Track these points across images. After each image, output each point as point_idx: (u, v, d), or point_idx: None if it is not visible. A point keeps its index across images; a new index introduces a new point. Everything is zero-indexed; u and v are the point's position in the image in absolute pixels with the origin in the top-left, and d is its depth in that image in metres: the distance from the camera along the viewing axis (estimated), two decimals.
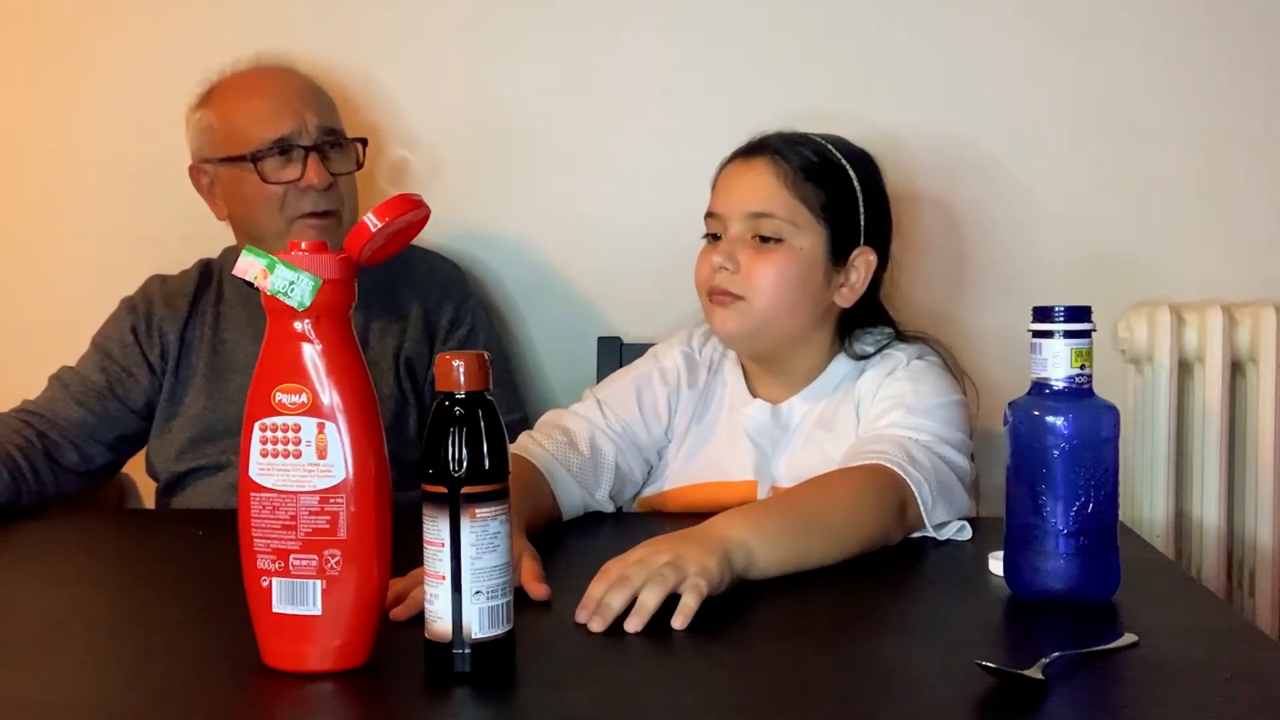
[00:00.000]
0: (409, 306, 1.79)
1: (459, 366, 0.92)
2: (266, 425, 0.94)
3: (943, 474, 1.32)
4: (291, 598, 0.93)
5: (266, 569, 0.94)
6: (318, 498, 0.92)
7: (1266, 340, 1.84)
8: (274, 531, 0.93)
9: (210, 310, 1.82)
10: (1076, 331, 1.08)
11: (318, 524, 0.92)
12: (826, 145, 1.49)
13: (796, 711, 0.88)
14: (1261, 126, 1.93)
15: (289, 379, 0.94)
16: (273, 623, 0.94)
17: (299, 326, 0.94)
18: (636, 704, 0.91)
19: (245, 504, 0.95)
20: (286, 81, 1.77)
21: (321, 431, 0.92)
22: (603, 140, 2.00)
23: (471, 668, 0.92)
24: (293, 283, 0.92)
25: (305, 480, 0.93)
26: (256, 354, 1.74)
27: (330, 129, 1.75)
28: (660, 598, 1.03)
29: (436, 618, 0.92)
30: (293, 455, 0.93)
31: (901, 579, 1.24)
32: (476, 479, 0.92)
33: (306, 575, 0.93)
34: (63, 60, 2.09)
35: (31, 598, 1.24)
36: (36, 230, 2.13)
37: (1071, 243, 1.95)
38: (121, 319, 1.82)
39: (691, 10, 1.98)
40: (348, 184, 1.77)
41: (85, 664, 1.02)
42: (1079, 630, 1.02)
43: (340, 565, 0.93)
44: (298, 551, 0.93)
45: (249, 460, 0.94)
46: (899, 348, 1.49)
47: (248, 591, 0.96)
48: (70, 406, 1.74)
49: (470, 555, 0.91)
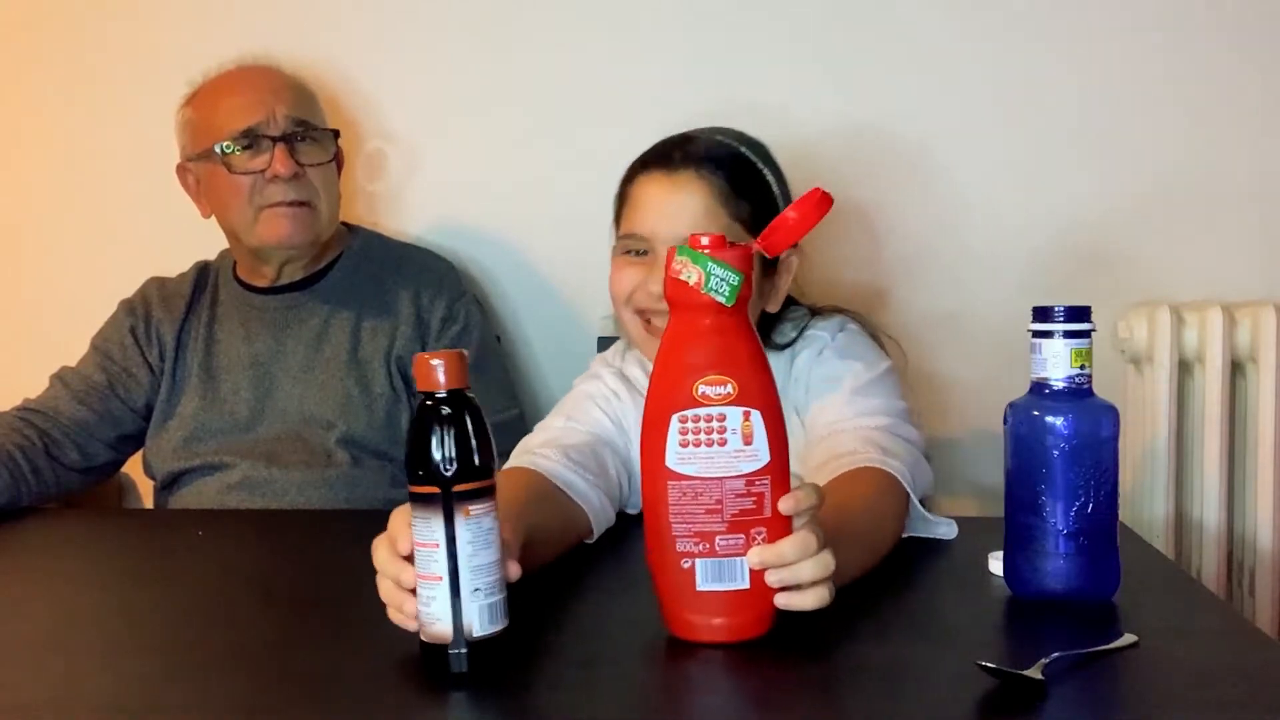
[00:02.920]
0: (401, 304, 1.79)
1: (439, 366, 0.92)
2: (688, 416, 0.97)
3: (909, 454, 1.33)
4: (719, 576, 0.98)
5: (689, 551, 0.98)
6: (744, 481, 0.97)
7: (1266, 340, 1.84)
8: (697, 516, 0.98)
9: (205, 311, 1.84)
10: (1076, 331, 1.08)
11: (744, 505, 0.98)
12: (741, 149, 1.44)
13: (796, 711, 0.88)
14: (1261, 126, 1.93)
15: (713, 370, 0.97)
16: (696, 600, 0.99)
17: (711, 321, 0.98)
18: (635, 703, 0.91)
19: (660, 491, 0.98)
20: (259, 76, 1.79)
21: (747, 419, 0.97)
22: (597, 133, 2.00)
23: (472, 667, 0.92)
24: (724, 280, 0.97)
25: (731, 465, 0.97)
26: (248, 355, 1.79)
27: (300, 120, 1.75)
28: (819, 604, 1.00)
29: (435, 619, 0.92)
30: (718, 444, 0.97)
31: (901, 579, 1.23)
32: (468, 476, 0.91)
33: (733, 553, 0.98)
34: (61, 61, 2.09)
35: (31, 598, 1.24)
36: (36, 232, 2.13)
37: (1071, 243, 1.95)
38: (120, 321, 1.84)
39: (688, 12, 1.98)
40: (321, 175, 1.77)
41: (85, 664, 1.02)
42: (1079, 630, 1.02)
43: (765, 541, 0.98)
44: (724, 533, 0.98)
45: (665, 450, 0.98)
46: (818, 325, 1.47)
47: (661, 573, 1.00)
48: (71, 405, 1.76)
49: (467, 553, 0.91)
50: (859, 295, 1.98)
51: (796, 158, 1.60)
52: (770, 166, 1.46)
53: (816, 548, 0.99)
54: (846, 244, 1.99)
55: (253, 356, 1.79)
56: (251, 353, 1.79)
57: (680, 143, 1.42)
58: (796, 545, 0.98)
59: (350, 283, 1.83)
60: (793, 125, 1.90)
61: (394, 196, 2.06)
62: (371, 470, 1.71)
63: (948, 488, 2.00)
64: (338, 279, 1.83)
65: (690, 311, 0.98)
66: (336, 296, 1.81)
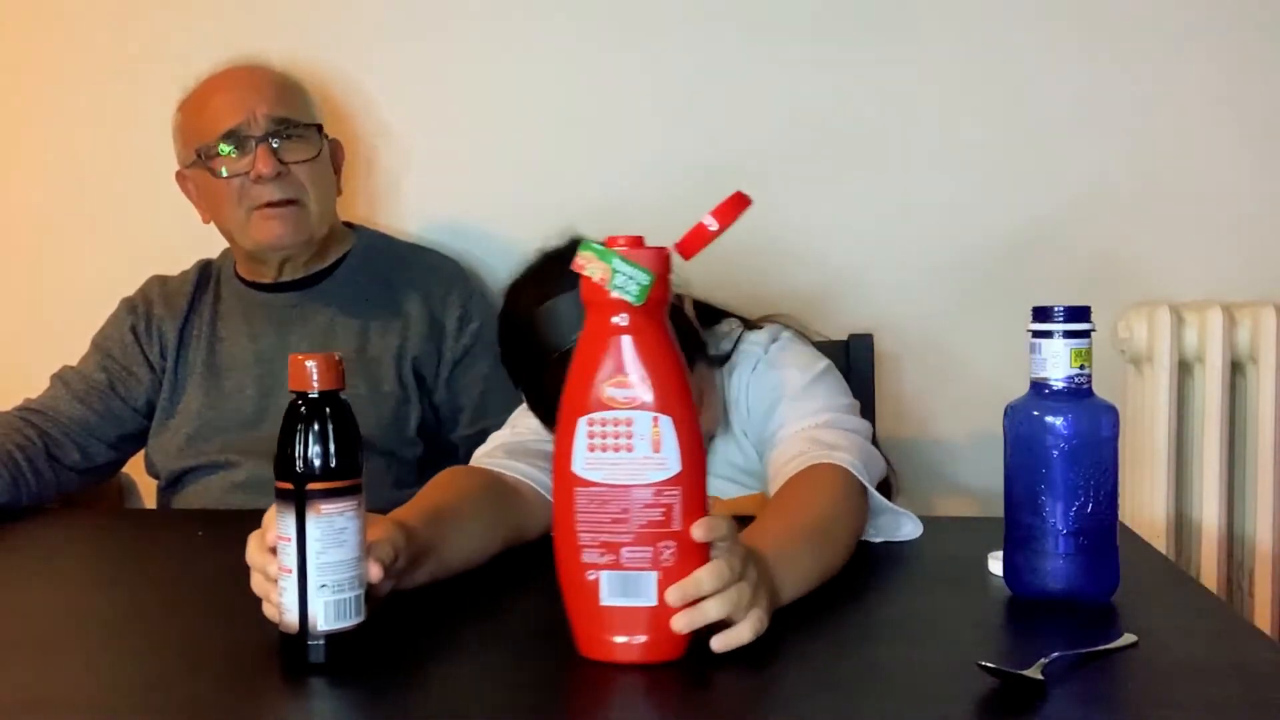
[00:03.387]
0: (410, 305, 1.79)
1: (312, 367, 0.94)
2: (596, 420, 0.94)
3: (856, 443, 1.32)
4: (624, 590, 0.94)
5: (594, 562, 0.94)
6: (652, 491, 0.94)
7: (1266, 340, 1.84)
8: (603, 525, 0.94)
9: (208, 309, 1.83)
10: (1076, 331, 1.08)
11: (652, 516, 0.94)
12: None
13: (795, 711, 0.88)
14: (1261, 126, 1.93)
15: (619, 373, 0.94)
16: (600, 615, 0.95)
17: (621, 322, 0.94)
18: (623, 708, 0.91)
19: (568, 498, 0.95)
20: (241, 76, 1.77)
21: (656, 425, 0.94)
22: (594, 135, 2.00)
23: (325, 659, 0.94)
24: (631, 278, 0.93)
25: (639, 473, 0.94)
26: (253, 353, 1.78)
27: (282, 118, 1.73)
28: (755, 633, 0.97)
29: (286, 610, 0.94)
30: (625, 449, 0.94)
31: (901, 579, 1.24)
32: (323, 476, 0.93)
33: (640, 567, 0.94)
34: (64, 59, 2.09)
35: (31, 598, 1.24)
36: (38, 232, 2.13)
37: (1071, 243, 1.95)
38: (121, 319, 1.83)
39: (680, 8, 1.98)
40: (309, 171, 1.75)
41: (85, 664, 1.02)
42: (1079, 630, 1.02)
43: (674, 557, 0.94)
44: (630, 544, 0.94)
45: (572, 455, 0.94)
46: (751, 340, 1.47)
47: (566, 584, 0.96)
48: (72, 404, 1.75)
49: (315, 550, 0.93)
50: (858, 295, 1.98)
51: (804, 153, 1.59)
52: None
53: (730, 578, 0.95)
54: (847, 244, 1.99)
55: (257, 353, 1.78)
56: (256, 350, 1.79)
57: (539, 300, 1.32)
58: (713, 574, 0.94)
59: (356, 282, 1.82)
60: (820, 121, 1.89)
61: (394, 195, 2.07)
62: (377, 470, 1.70)
63: (948, 488, 2.00)
64: (343, 278, 1.83)
65: (601, 311, 0.95)
66: (342, 296, 1.80)
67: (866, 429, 1.38)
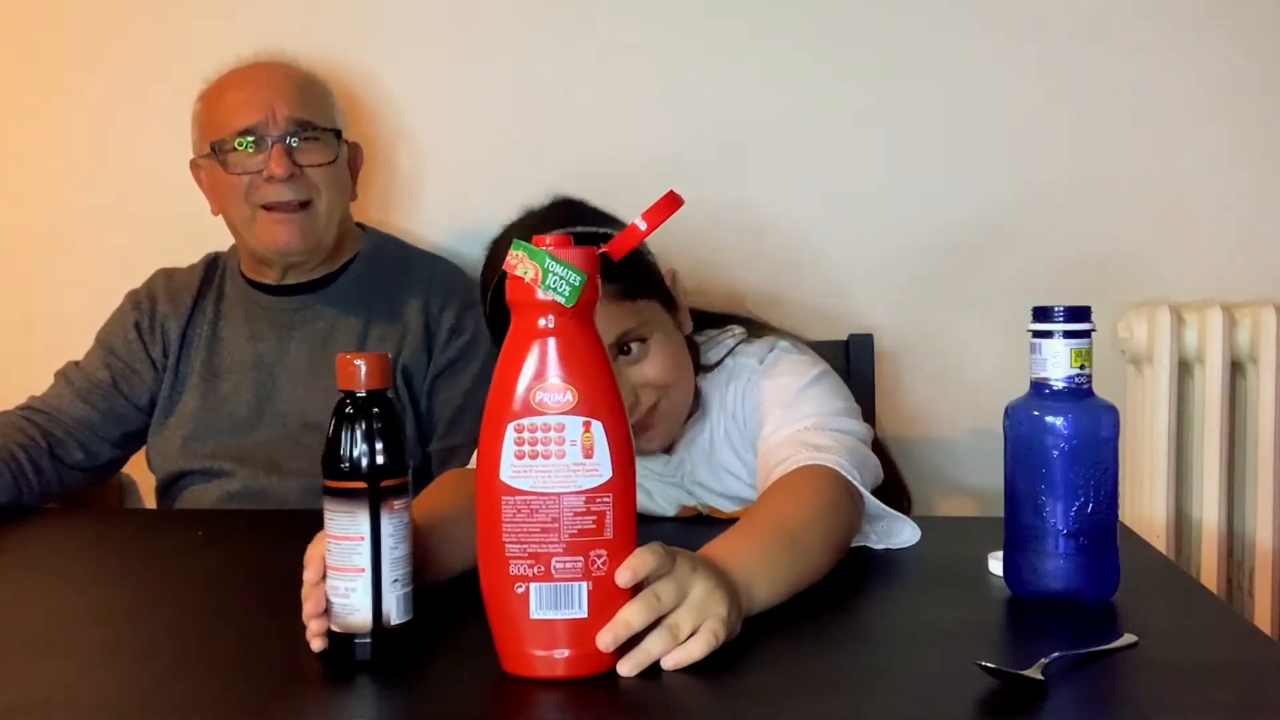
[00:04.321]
0: (409, 312, 1.77)
1: (361, 366, 0.95)
2: (524, 426, 0.91)
3: (847, 444, 1.30)
4: (555, 602, 0.92)
5: (523, 574, 0.91)
6: (583, 498, 0.91)
7: (1266, 340, 1.84)
8: (532, 535, 0.91)
9: (211, 308, 1.82)
10: (1076, 331, 1.08)
11: (583, 524, 0.91)
12: (605, 231, 1.35)
13: (795, 711, 0.88)
14: (1261, 126, 1.93)
15: (550, 377, 0.91)
16: (528, 630, 0.92)
17: (551, 323, 0.91)
18: (617, 700, 0.91)
19: (494, 508, 0.92)
20: (264, 73, 1.76)
21: (588, 430, 0.91)
22: (607, 139, 2.00)
23: (386, 654, 0.95)
24: (563, 278, 0.90)
25: (570, 480, 0.91)
26: (251, 355, 1.77)
27: (302, 120, 1.72)
28: (669, 648, 0.94)
29: (353, 610, 0.94)
30: (555, 456, 0.91)
31: (901, 579, 1.23)
32: (394, 473, 0.95)
33: (571, 578, 0.92)
34: (71, 53, 2.09)
35: (31, 598, 1.24)
36: (43, 227, 2.13)
37: (1071, 243, 1.95)
38: (125, 315, 1.82)
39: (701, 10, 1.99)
40: (324, 175, 1.73)
41: (85, 664, 1.02)
42: (1079, 630, 1.02)
43: (607, 566, 0.92)
44: (561, 554, 0.91)
45: (499, 462, 0.91)
46: (746, 352, 1.46)
47: (492, 598, 0.93)
48: (75, 403, 1.75)
49: (389, 546, 0.94)
50: (858, 295, 1.98)
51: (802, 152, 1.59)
52: (614, 224, 1.40)
53: (660, 608, 0.93)
54: (847, 244, 1.99)
55: (256, 357, 1.77)
56: (255, 353, 1.77)
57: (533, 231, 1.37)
58: (642, 610, 0.92)
59: (361, 287, 1.80)
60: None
61: (409, 197, 2.05)
62: None
63: (948, 488, 2.00)
64: (348, 283, 1.81)
65: (530, 312, 0.91)
66: (346, 300, 1.79)
67: (862, 431, 1.36)
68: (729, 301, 1.63)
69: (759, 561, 1.07)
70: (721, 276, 1.91)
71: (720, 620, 0.96)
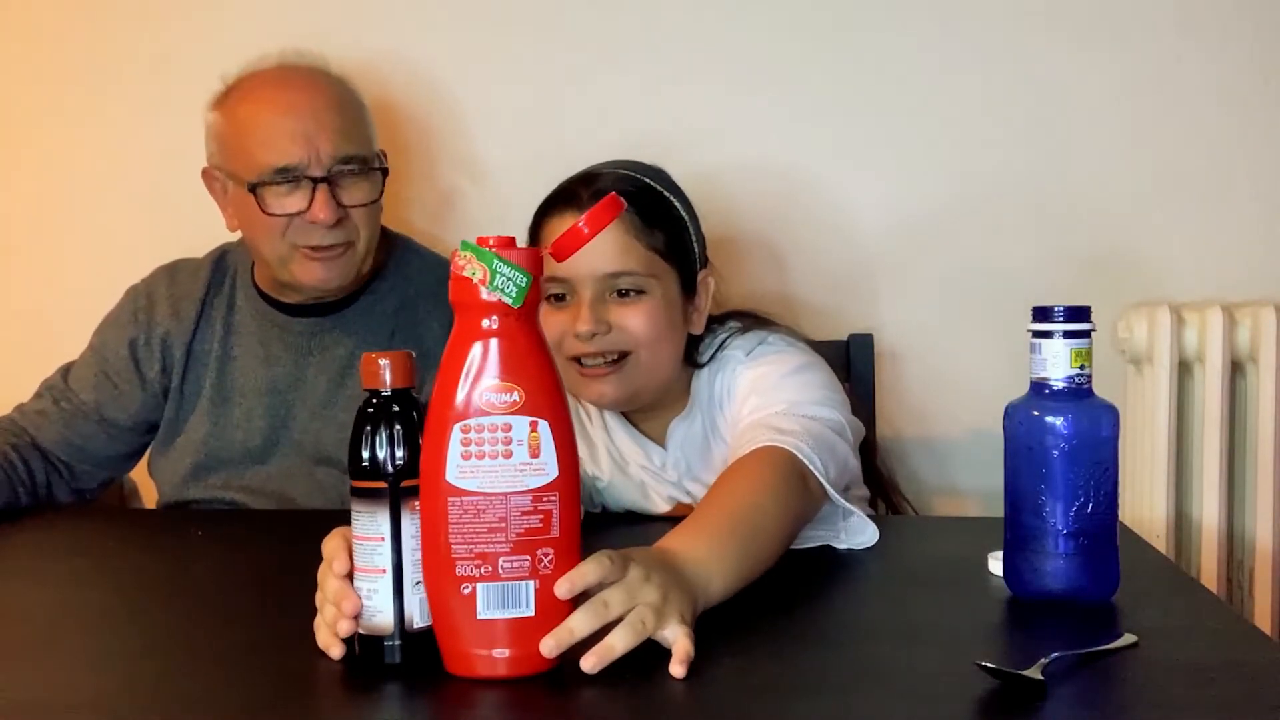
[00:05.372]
0: (429, 338, 1.64)
1: (386, 365, 0.95)
2: (470, 426, 0.91)
3: (813, 429, 1.29)
4: (502, 601, 0.92)
5: (469, 575, 0.92)
6: (530, 497, 0.92)
7: (1266, 340, 1.84)
8: (479, 535, 0.92)
9: (221, 321, 1.71)
10: (1076, 331, 1.08)
11: (530, 524, 0.92)
12: (646, 180, 1.43)
13: (795, 710, 0.88)
14: (1261, 126, 1.93)
15: (499, 376, 0.92)
16: (477, 629, 0.92)
17: (498, 324, 0.92)
18: (622, 698, 0.91)
19: (439, 509, 0.92)
20: (305, 97, 1.59)
21: (534, 430, 0.92)
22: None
23: (410, 657, 0.94)
24: (510, 279, 0.91)
25: (517, 480, 0.92)
26: (266, 380, 1.68)
27: (348, 157, 1.58)
28: (632, 645, 0.94)
29: (376, 612, 0.94)
30: (502, 456, 0.91)
31: (901, 579, 1.23)
32: (414, 473, 0.94)
33: (518, 577, 0.92)
34: (73, 50, 2.09)
35: (31, 598, 1.24)
36: (43, 228, 2.12)
37: (1071, 243, 1.95)
38: (123, 326, 1.73)
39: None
40: (365, 215, 1.61)
41: (85, 664, 1.02)
42: (1079, 630, 1.02)
43: (554, 564, 0.93)
44: (508, 554, 0.92)
45: (445, 463, 0.92)
46: (734, 345, 1.47)
47: (437, 600, 0.93)
48: (58, 428, 1.69)
49: (411, 547, 0.94)
50: (859, 295, 1.98)
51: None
52: (675, 193, 1.46)
53: (608, 615, 0.93)
54: (847, 244, 1.99)
55: (270, 382, 1.67)
56: (269, 377, 1.67)
57: (585, 180, 1.42)
58: (589, 617, 0.92)
59: (383, 309, 1.69)
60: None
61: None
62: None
63: (948, 488, 2.00)
64: (370, 303, 1.69)
65: (476, 313, 0.92)
66: (367, 325, 1.68)
67: (834, 419, 1.34)
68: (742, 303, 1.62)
69: (713, 554, 1.07)
70: (722, 276, 1.90)
71: (677, 620, 0.96)
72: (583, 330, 1.36)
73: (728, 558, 1.08)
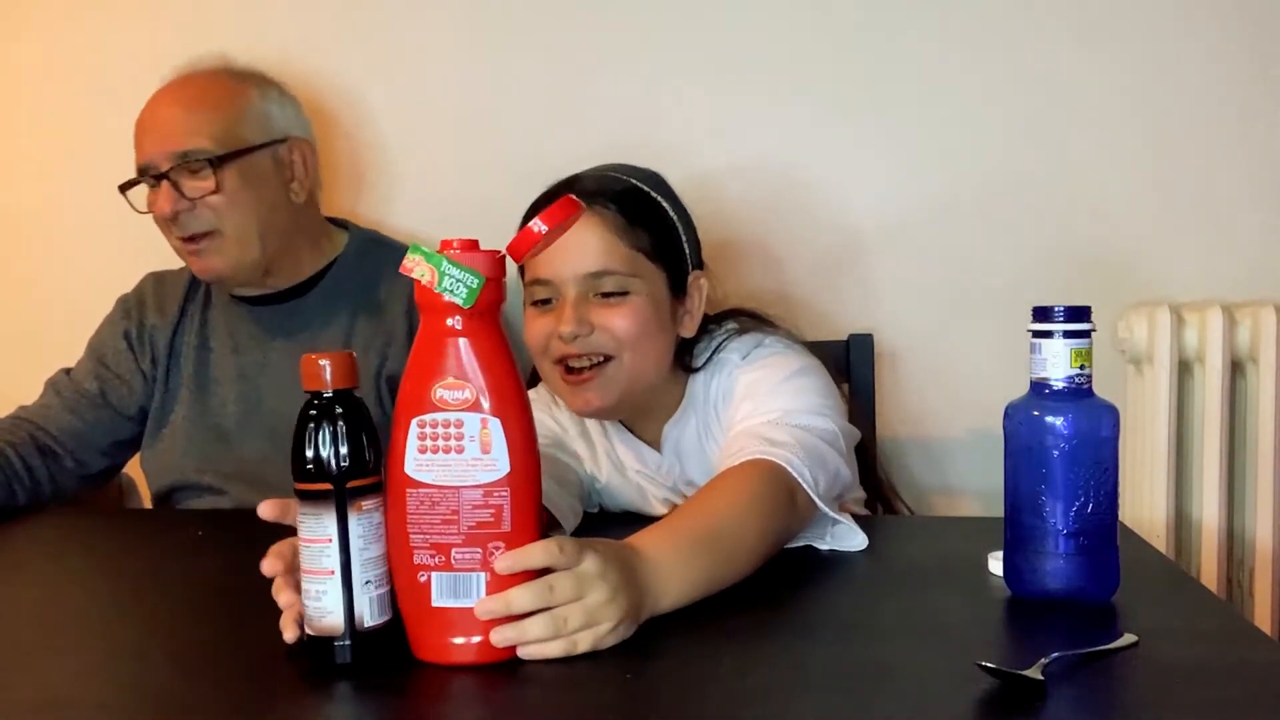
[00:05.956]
0: (393, 319, 1.73)
1: (326, 366, 0.95)
2: (426, 421, 0.95)
3: (805, 441, 1.28)
4: (454, 591, 0.95)
5: (425, 564, 0.95)
6: (481, 492, 0.94)
7: (1266, 340, 1.84)
8: (434, 526, 0.95)
9: (199, 315, 1.80)
10: (1076, 331, 1.08)
11: (481, 517, 0.95)
12: (632, 181, 1.42)
13: (795, 711, 0.88)
14: (1261, 126, 1.93)
15: (450, 375, 0.95)
16: (431, 617, 0.96)
17: (451, 323, 0.95)
18: (619, 701, 0.91)
19: (400, 500, 0.95)
20: (158, 98, 1.69)
21: (485, 427, 0.94)
22: (596, 136, 2.00)
23: (363, 657, 0.95)
24: (459, 281, 0.94)
25: (468, 475, 0.94)
26: (235, 367, 1.75)
27: (180, 153, 1.63)
28: (545, 637, 0.96)
29: (326, 613, 0.95)
30: (455, 451, 0.94)
31: (901, 579, 1.23)
32: (360, 473, 0.95)
33: (470, 568, 0.95)
34: (62, 54, 2.09)
35: (32, 598, 1.24)
36: (33, 232, 2.13)
37: (1072, 243, 1.95)
38: (116, 323, 1.81)
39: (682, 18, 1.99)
40: (219, 201, 1.65)
41: (85, 664, 1.02)
42: (1079, 630, 1.02)
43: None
44: (460, 545, 0.95)
45: (404, 456, 0.95)
46: (730, 347, 1.46)
47: (400, 587, 0.97)
48: (63, 414, 1.74)
49: (359, 547, 0.95)
50: (859, 295, 1.98)
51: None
52: (665, 195, 1.45)
53: (552, 600, 0.95)
54: (847, 243, 1.99)
55: (240, 369, 1.75)
56: (239, 364, 1.76)
57: (569, 183, 1.41)
58: (529, 595, 0.94)
59: (342, 291, 1.76)
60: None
61: (391, 193, 2.06)
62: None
63: (948, 488, 2.00)
64: (329, 287, 1.77)
65: (433, 313, 0.96)
66: (327, 308, 1.75)
67: (828, 430, 1.33)
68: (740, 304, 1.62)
69: (678, 562, 1.07)
70: (722, 276, 1.91)
71: (599, 635, 0.97)
72: (565, 331, 1.34)
73: (692, 569, 1.08)
